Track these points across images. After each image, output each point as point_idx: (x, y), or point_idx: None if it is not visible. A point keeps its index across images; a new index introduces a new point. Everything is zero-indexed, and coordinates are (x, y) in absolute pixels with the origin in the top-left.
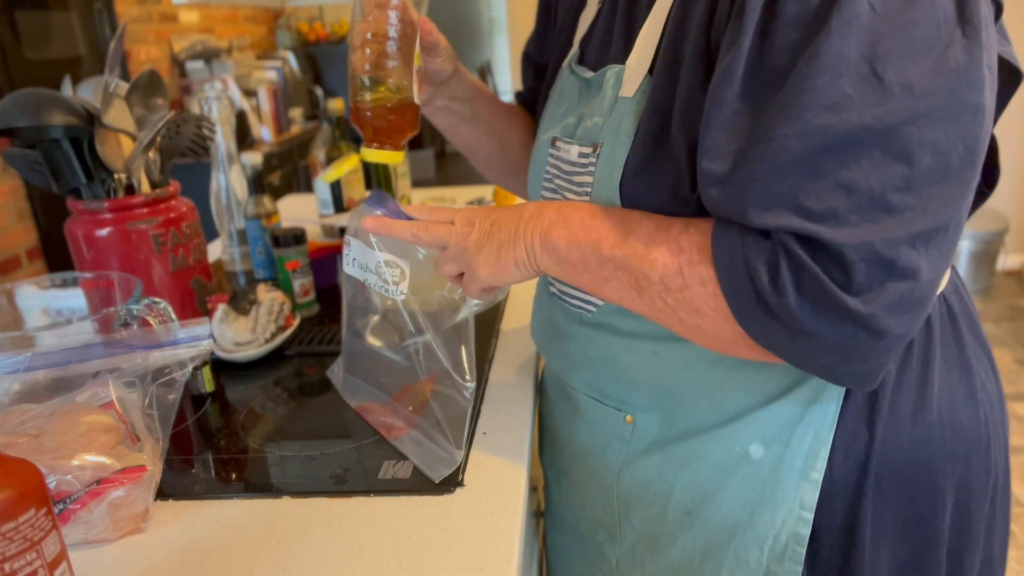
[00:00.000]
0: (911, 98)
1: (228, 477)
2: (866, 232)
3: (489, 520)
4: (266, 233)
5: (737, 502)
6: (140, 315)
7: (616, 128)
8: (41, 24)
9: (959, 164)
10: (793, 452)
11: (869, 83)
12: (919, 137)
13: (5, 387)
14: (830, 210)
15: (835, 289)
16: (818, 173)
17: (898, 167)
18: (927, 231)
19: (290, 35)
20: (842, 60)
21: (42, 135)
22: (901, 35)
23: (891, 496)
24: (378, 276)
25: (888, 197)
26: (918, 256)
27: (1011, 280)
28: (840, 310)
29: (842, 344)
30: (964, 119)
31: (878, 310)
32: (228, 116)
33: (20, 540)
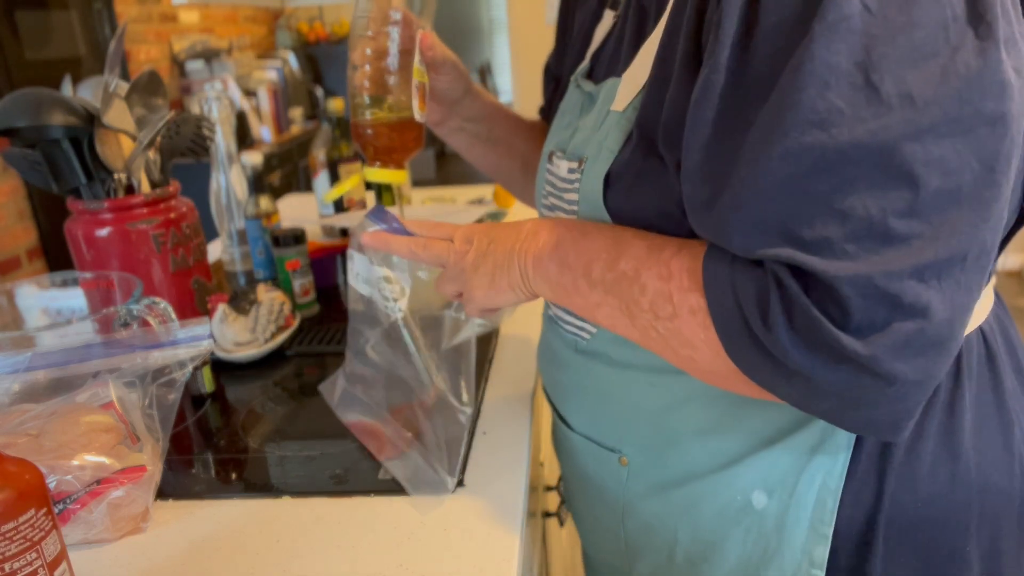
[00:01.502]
0: (912, 110)
1: (228, 477)
2: (864, 264)
3: (489, 520)
4: (266, 233)
5: (743, 555)
6: (140, 315)
7: (601, 142)
8: (41, 24)
9: (974, 184)
10: (799, 502)
11: (863, 94)
12: (923, 155)
13: (5, 387)
14: (824, 239)
15: (830, 327)
16: (809, 198)
17: (900, 190)
18: (938, 262)
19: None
20: (829, 69)
21: (42, 135)
22: (900, 38)
23: (905, 557)
24: (379, 292)
25: (890, 224)
26: (928, 291)
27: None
28: (837, 351)
29: (843, 389)
30: (978, 132)
31: (881, 352)
32: (228, 116)
33: (20, 540)
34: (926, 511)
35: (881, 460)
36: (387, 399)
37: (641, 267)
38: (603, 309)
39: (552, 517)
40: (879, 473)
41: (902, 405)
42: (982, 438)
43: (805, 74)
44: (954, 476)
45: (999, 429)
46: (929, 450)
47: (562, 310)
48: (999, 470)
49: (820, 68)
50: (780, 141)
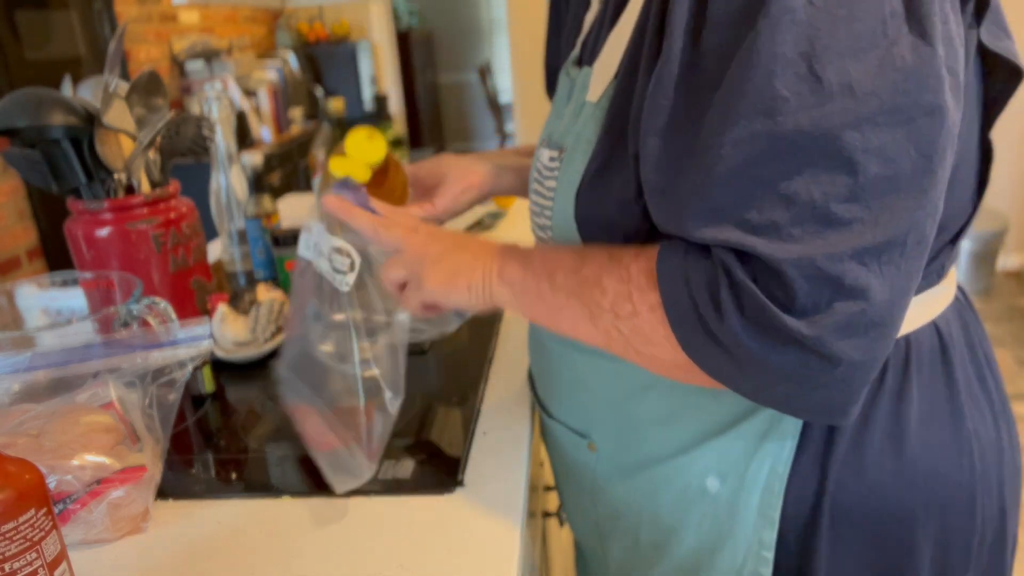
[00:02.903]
0: (852, 100)
1: (228, 477)
2: (808, 247)
3: (489, 520)
4: (266, 233)
5: (699, 538)
6: (140, 315)
7: (579, 133)
8: (41, 24)
9: (912, 171)
10: (749, 487)
11: (806, 83)
12: (862, 143)
13: (5, 387)
14: (771, 223)
15: (775, 310)
16: (757, 183)
17: (841, 176)
18: (877, 245)
19: (290, 35)
20: (775, 59)
21: (42, 135)
22: (841, 30)
23: (852, 543)
24: (330, 263)
25: (831, 208)
26: (868, 273)
27: (1011, 280)
28: (783, 333)
29: (792, 371)
30: (916, 122)
31: (825, 333)
32: (228, 116)
33: (20, 540)
34: (872, 498)
35: (827, 447)
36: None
37: (602, 272)
38: (565, 312)
39: (552, 517)
40: (824, 460)
41: (847, 387)
42: (931, 429)
43: (752, 64)
44: (900, 465)
45: (949, 421)
46: (875, 439)
47: None
48: (948, 460)
49: (766, 58)
50: (730, 129)
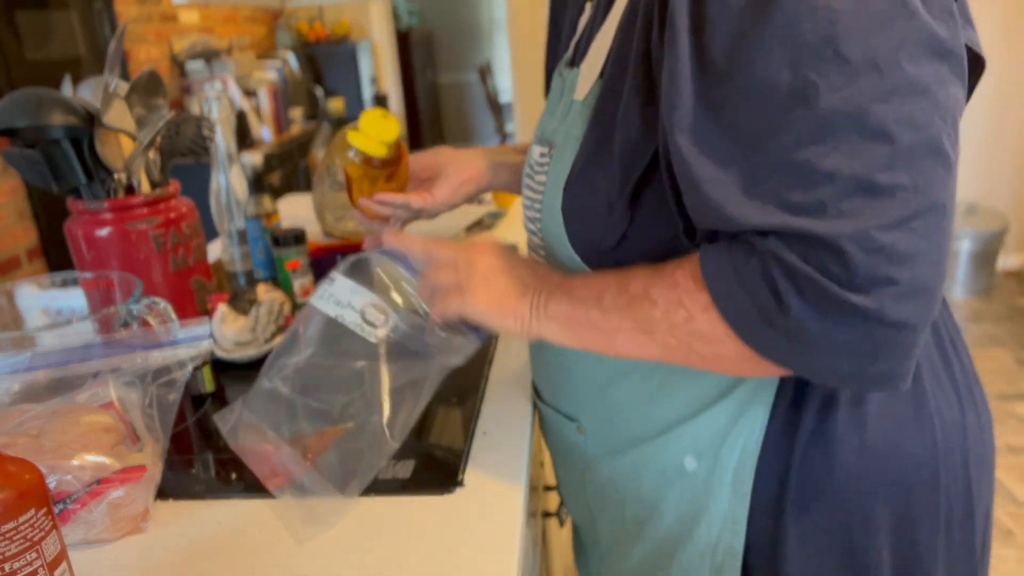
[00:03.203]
0: (879, 75)
1: (228, 477)
2: (859, 220)
3: (489, 520)
4: (266, 233)
5: (678, 514)
6: (140, 315)
7: (568, 130)
8: (41, 24)
9: (940, 138)
10: (723, 465)
11: (834, 65)
12: (893, 113)
13: (5, 387)
14: (817, 202)
15: (836, 288)
16: (799, 166)
17: (878, 146)
18: (923, 210)
19: (290, 35)
20: (800, 48)
21: (42, 135)
22: (861, 9)
23: (818, 517)
24: (361, 316)
25: (875, 178)
26: (917, 238)
27: (1011, 280)
28: (847, 309)
29: (859, 345)
30: (934, 90)
31: (886, 302)
32: (228, 116)
33: (20, 540)
34: (836, 473)
35: (793, 428)
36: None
37: (648, 285)
38: (620, 335)
39: (552, 517)
40: (791, 439)
41: (907, 352)
42: (892, 409)
43: (776, 56)
44: (863, 442)
45: (911, 401)
46: (839, 418)
47: None
48: (909, 438)
49: (791, 48)
50: (765, 118)
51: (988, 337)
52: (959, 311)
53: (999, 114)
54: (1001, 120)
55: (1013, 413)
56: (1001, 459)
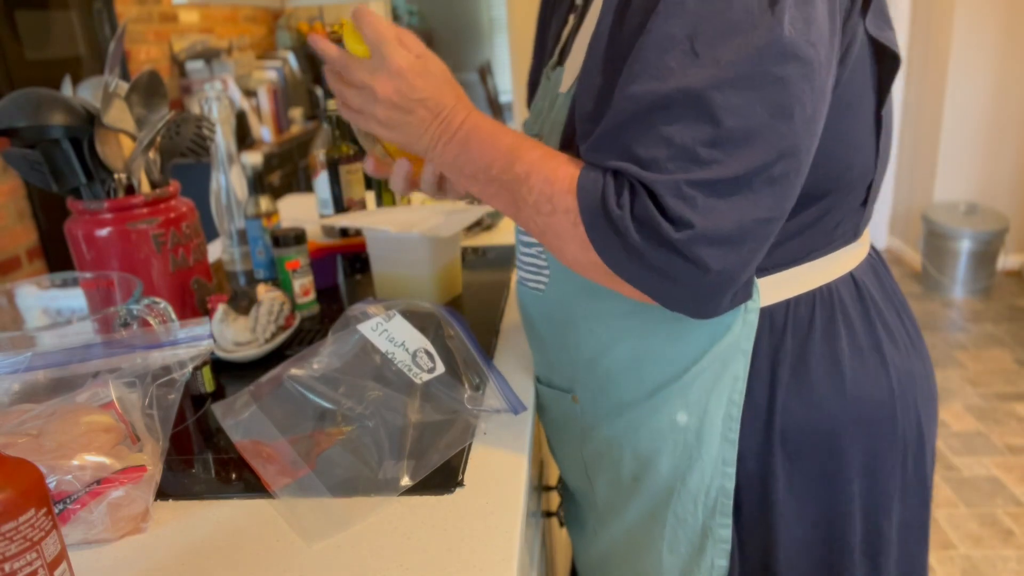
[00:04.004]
0: (718, 68)
1: (228, 477)
2: (676, 175)
3: (489, 520)
4: (266, 233)
5: (672, 465)
6: (140, 315)
7: (554, 120)
8: (41, 24)
9: (760, 127)
10: (712, 416)
11: (688, 57)
12: (723, 101)
13: (5, 387)
14: (654, 159)
15: (655, 213)
16: (645, 128)
17: (705, 125)
18: (727, 180)
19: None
20: (668, 39)
21: (42, 135)
22: (719, 17)
23: (799, 457)
24: (412, 357)
25: (697, 151)
26: (719, 200)
27: (1011, 280)
28: (659, 233)
29: (666, 268)
30: (766, 88)
31: (687, 240)
32: (228, 116)
33: (20, 540)
34: (812, 416)
35: (772, 379)
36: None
37: (532, 171)
38: (494, 200)
39: (552, 517)
40: (771, 389)
41: (707, 289)
42: (857, 359)
43: (651, 41)
44: (834, 388)
45: (871, 352)
46: (813, 368)
47: (527, 270)
48: (871, 384)
49: (661, 37)
50: (630, 86)
51: (988, 337)
52: (959, 311)
53: (999, 114)
54: (1001, 120)
55: (1013, 413)
56: (1001, 459)
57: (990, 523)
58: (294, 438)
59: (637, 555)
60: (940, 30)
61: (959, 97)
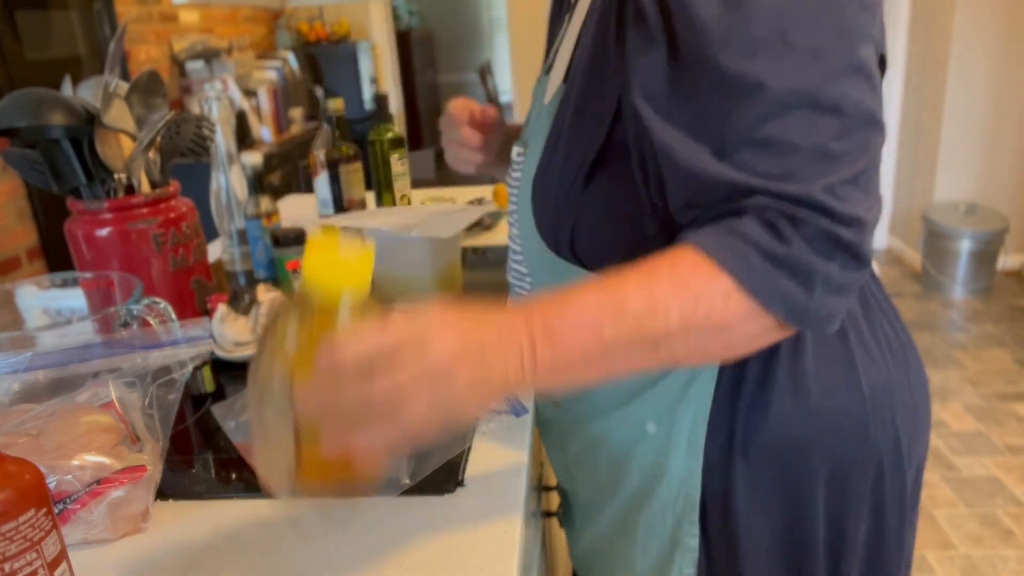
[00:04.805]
0: (821, 58)
1: (228, 477)
2: (825, 178)
3: (489, 520)
4: (266, 233)
5: (642, 473)
6: (140, 315)
7: (539, 131)
8: (41, 24)
9: (872, 108)
10: (679, 428)
11: (784, 52)
12: (839, 91)
13: (5, 387)
14: (787, 171)
15: (828, 222)
16: (763, 141)
17: (831, 119)
18: (867, 170)
19: (290, 35)
20: (754, 41)
21: (42, 135)
22: (802, 3)
23: (761, 470)
24: None
25: (829, 146)
26: (861, 190)
27: (1011, 280)
28: (839, 242)
29: (842, 277)
30: (865, 70)
31: (864, 237)
32: (228, 116)
33: (20, 540)
34: (775, 430)
35: (736, 392)
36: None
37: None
38: (622, 362)
39: (552, 517)
40: (734, 404)
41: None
42: (824, 372)
43: (736, 51)
44: (798, 403)
45: (841, 364)
46: (776, 383)
47: (513, 275)
48: (839, 397)
49: (747, 42)
50: (727, 104)
51: (988, 337)
52: (959, 311)
53: (999, 114)
54: (1001, 120)
55: (1013, 413)
56: (1001, 459)
57: (990, 523)
58: None
59: (615, 553)
60: (940, 30)
61: (959, 97)
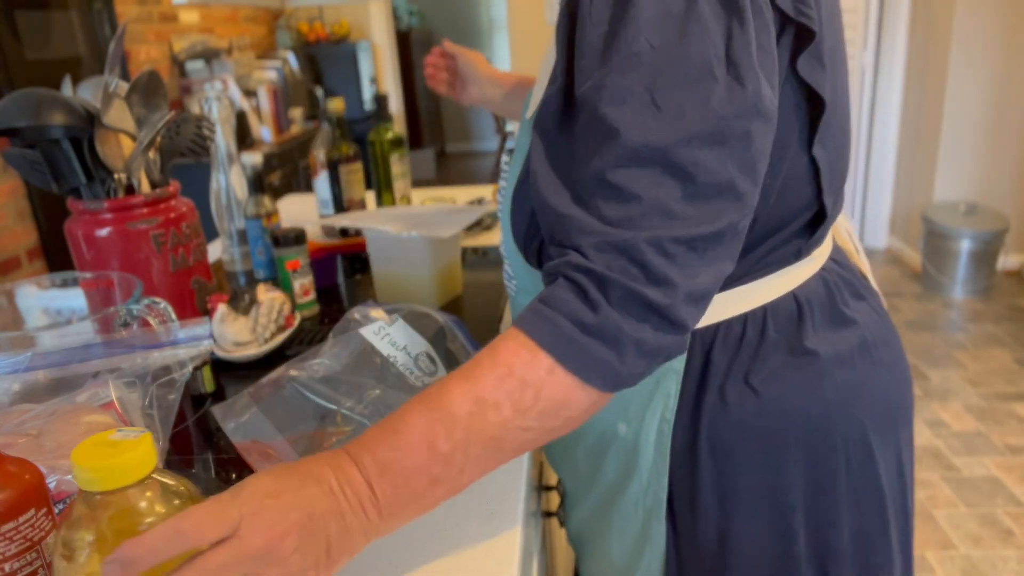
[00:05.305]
0: (683, 122)
1: (228, 477)
2: (656, 231)
3: (489, 520)
4: (266, 233)
5: (616, 470)
6: (140, 315)
7: (522, 143)
8: (41, 24)
9: (730, 182)
10: (647, 428)
11: (649, 110)
12: (691, 156)
13: (5, 387)
14: (626, 217)
15: (635, 285)
16: (612, 186)
17: (677, 182)
18: (705, 236)
19: (290, 35)
20: (625, 92)
21: (42, 135)
22: (677, 67)
23: (728, 469)
24: (413, 361)
25: (671, 206)
26: (698, 258)
27: (1011, 280)
28: (645, 304)
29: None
30: (731, 143)
31: (676, 302)
32: (228, 116)
33: (20, 540)
34: (738, 434)
35: (697, 400)
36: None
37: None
38: (468, 469)
39: (552, 517)
40: (696, 409)
41: (680, 349)
42: (783, 376)
43: (605, 97)
44: (758, 407)
45: (801, 367)
46: (735, 390)
47: (504, 273)
48: (800, 399)
49: (617, 91)
50: (592, 144)
51: (988, 337)
52: (959, 311)
53: (999, 114)
54: (1001, 120)
55: (1013, 413)
56: (1001, 459)
57: (990, 523)
58: (294, 438)
59: (596, 539)
60: (940, 30)
61: (959, 97)
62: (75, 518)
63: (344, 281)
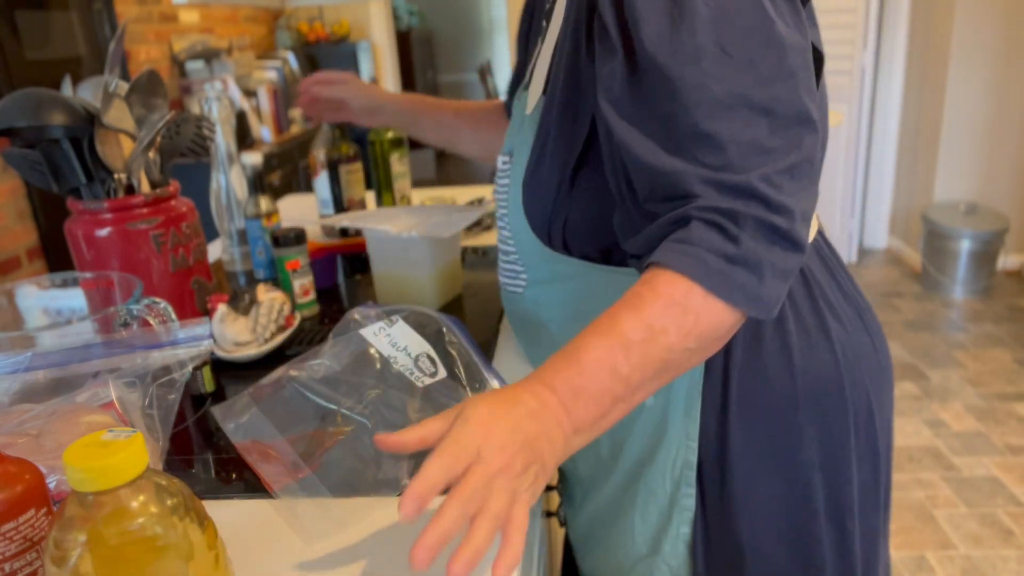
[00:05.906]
0: (754, 68)
1: (228, 477)
2: (761, 169)
3: None
4: (266, 233)
5: (642, 443)
6: (140, 315)
7: (523, 140)
8: (41, 24)
9: (806, 109)
10: (676, 398)
11: (721, 61)
12: (768, 94)
13: (5, 387)
14: (727, 162)
15: (762, 212)
16: (706, 137)
17: (762, 118)
18: (799, 164)
19: (290, 35)
20: (698, 50)
21: (42, 135)
22: (736, 19)
23: (755, 430)
24: (414, 362)
25: (763, 142)
26: (795, 182)
27: (1011, 280)
28: (775, 231)
29: (784, 262)
30: (797, 76)
31: (795, 225)
32: (228, 116)
33: (20, 540)
34: (766, 392)
35: (727, 360)
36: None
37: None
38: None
39: (552, 517)
40: (726, 371)
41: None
42: (805, 339)
43: (681, 59)
44: (784, 366)
45: (818, 332)
46: (763, 350)
47: (506, 275)
48: (819, 360)
49: (691, 52)
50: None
51: (988, 337)
52: (959, 311)
53: (999, 114)
54: (1001, 120)
55: (1013, 413)
56: (1001, 459)
57: (990, 523)
58: (294, 438)
59: (614, 523)
60: (940, 30)
61: (959, 97)
62: (67, 518)
63: (344, 281)
